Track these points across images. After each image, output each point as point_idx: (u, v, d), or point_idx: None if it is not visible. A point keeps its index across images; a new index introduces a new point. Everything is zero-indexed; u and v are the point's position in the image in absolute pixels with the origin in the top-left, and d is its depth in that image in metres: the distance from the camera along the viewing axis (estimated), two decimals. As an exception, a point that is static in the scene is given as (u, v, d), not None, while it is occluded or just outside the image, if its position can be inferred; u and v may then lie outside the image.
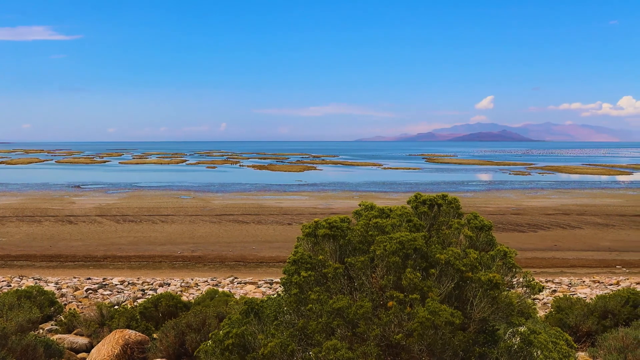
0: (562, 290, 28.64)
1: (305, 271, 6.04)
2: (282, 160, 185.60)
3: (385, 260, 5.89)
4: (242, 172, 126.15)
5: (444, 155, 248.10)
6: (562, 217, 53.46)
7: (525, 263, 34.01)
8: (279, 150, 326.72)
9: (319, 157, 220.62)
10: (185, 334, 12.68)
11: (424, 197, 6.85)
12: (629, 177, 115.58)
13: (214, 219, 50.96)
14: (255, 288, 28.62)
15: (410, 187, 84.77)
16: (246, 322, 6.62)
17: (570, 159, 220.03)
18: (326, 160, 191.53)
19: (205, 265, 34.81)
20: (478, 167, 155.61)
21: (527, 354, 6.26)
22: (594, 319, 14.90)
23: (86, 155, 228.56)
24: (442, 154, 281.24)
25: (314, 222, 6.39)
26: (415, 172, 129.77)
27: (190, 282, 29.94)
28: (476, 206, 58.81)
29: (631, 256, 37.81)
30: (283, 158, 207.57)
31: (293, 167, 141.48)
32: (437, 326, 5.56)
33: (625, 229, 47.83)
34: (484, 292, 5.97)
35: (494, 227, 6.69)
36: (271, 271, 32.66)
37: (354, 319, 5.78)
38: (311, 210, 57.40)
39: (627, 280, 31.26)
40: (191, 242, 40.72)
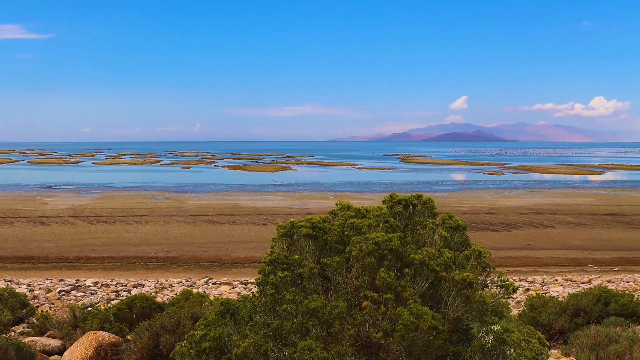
0: (535, 288, 28.90)
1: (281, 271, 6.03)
2: (257, 161, 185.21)
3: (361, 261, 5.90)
4: (217, 172, 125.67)
5: (419, 155, 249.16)
6: (535, 217, 53.96)
7: (499, 262, 34.29)
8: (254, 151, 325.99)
9: (293, 157, 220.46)
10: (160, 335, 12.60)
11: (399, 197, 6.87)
12: (600, 176, 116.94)
13: (189, 220, 50.72)
14: (230, 289, 28.53)
15: (385, 187, 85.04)
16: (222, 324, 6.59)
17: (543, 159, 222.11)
18: (301, 161, 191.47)
19: (179, 266, 34.63)
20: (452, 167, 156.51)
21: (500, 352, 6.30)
22: (567, 317, 15.06)
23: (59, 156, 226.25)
24: (417, 154, 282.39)
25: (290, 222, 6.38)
26: (390, 172, 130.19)
27: (164, 283, 29.76)
28: (450, 206, 59.15)
29: (602, 255, 38.27)
30: (258, 158, 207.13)
31: (268, 167, 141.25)
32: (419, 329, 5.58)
33: (597, 228, 48.39)
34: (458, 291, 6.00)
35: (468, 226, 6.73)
36: (246, 271, 32.58)
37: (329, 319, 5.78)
38: (286, 210, 57.35)
39: (598, 278, 31.63)
40: (165, 243, 40.49)
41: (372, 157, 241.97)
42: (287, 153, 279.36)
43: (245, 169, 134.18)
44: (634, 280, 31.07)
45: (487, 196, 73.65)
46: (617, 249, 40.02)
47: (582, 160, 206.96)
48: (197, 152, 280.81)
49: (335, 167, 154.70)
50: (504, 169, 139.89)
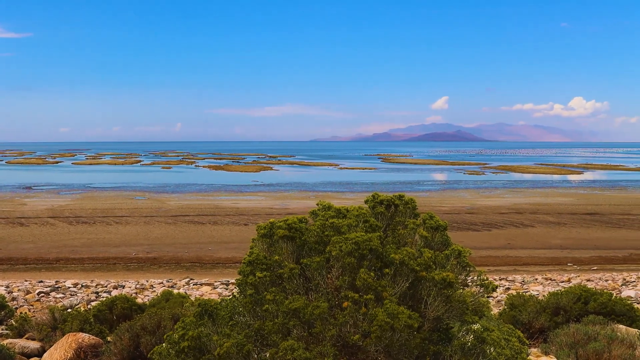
0: (516, 287, 29.08)
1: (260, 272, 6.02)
2: (238, 161, 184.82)
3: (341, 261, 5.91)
4: (198, 172, 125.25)
5: (400, 155, 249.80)
6: (516, 216, 54.29)
7: (480, 261, 34.47)
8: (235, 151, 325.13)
9: (275, 158, 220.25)
10: (140, 336, 12.53)
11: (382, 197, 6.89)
12: (579, 176, 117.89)
13: (170, 220, 50.51)
14: (212, 289, 28.45)
15: (367, 187, 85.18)
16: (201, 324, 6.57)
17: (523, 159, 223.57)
18: (282, 161, 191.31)
19: (160, 266, 34.48)
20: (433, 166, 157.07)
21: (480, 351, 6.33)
22: (547, 315, 15.16)
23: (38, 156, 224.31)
24: (398, 154, 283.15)
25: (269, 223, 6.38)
26: (371, 172, 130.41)
27: (145, 283, 29.61)
28: (431, 205, 59.37)
29: (582, 254, 38.58)
30: (239, 158, 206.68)
31: (249, 167, 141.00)
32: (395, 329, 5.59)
33: (577, 227, 48.78)
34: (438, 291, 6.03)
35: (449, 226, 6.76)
36: (227, 272, 32.50)
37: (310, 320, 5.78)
38: (267, 210, 57.29)
39: (578, 277, 31.88)
40: (146, 244, 40.29)
41: (353, 157, 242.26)
42: (269, 153, 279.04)
43: (227, 169, 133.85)
44: (612, 279, 31.35)
45: (467, 196, 74.00)
46: (596, 248, 40.38)
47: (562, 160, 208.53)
48: (178, 152, 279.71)
49: (316, 167, 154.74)
50: (484, 169, 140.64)
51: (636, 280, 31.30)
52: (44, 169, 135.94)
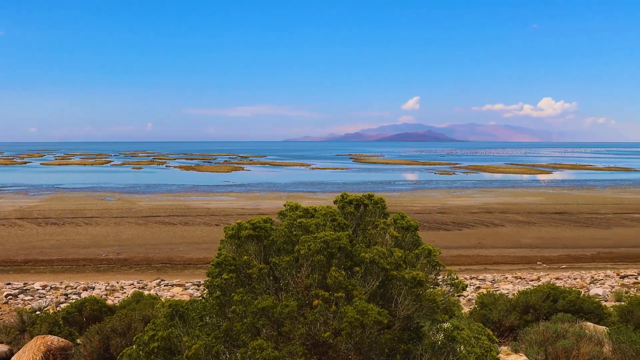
0: (486, 286, 29.32)
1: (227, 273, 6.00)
2: (210, 161, 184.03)
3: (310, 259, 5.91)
4: (169, 172, 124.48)
5: (371, 155, 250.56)
6: (486, 216, 54.73)
7: (451, 261, 34.71)
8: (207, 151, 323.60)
9: (246, 158, 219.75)
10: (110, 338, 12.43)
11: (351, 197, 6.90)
12: (548, 176, 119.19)
13: (140, 221, 50.13)
14: (183, 290, 28.31)
15: (338, 187, 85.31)
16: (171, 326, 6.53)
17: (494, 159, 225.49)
18: (254, 161, 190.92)
19: (131, 267, 34.22)
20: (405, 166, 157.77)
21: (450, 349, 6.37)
22: (516, 314, 15.30)
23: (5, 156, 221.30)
24: (370, 154, 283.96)
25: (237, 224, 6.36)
26: (343, 172, 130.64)
27: (115, 285, 29.38)
28: (403, 205, 59.64)
29: (551, 252, 39.01)
30: (210, 158, 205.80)
31: (220, 167, 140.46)
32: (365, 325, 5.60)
33: (546, 226, 49.30)
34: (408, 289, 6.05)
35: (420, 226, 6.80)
36: (199, 273, 32.36)
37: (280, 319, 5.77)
38: (239, 210, 57.12)
39: (547, 275, 32.24)
40: (116, 245, 39.95)
41: (324, 157, 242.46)
42: (240, 153, 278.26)
43: (198, 170, 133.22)
44: (580, 277, 31.75)
45: (438, 196, 74.44)
46: (565, 247, 40.86)
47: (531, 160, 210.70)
48: (148, 153, 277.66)
49: (288, 167, 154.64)
50: (455, 169, 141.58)
51: (604, 278, 31.73)
52: (12, 170, 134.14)
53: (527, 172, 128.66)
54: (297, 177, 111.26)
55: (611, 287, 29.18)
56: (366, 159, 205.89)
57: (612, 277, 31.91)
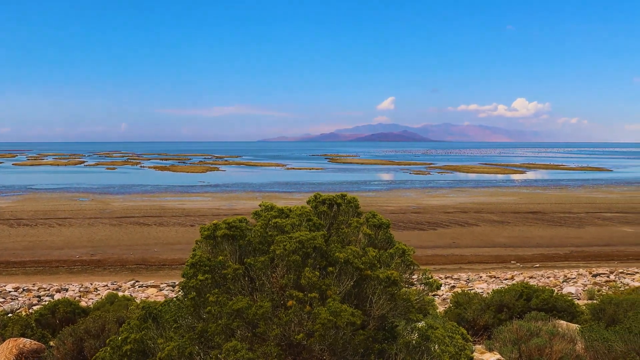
0: (461, 285, 29.50)
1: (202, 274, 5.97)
2: (185, 161, 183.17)
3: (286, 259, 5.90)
4: (143, 173, 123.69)
5: (347, 156, 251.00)
6: (461, 215, 55.07)
7: (426, 260, 34.87)
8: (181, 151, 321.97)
9: (222, 158, 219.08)
10: (84, 340, 12.31)
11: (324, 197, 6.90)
12: (522, 175, 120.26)
13: (114, 222, 49.75)
14: (158, 291, 28.17)
15: (314, 187, 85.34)
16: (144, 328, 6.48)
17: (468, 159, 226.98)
18: (229, 161, 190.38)
19: (105, 269, 33.96)
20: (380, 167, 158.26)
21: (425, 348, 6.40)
22: (490, 312, 15.41)
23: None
24: (345, 154, 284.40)
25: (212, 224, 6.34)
26: (318, 172, 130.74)
27: (89, 286, 29.15)
28: (378, 205, 59.81)
29: (525, 251, 39.36)
30: (185, 159, 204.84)
31: (195, 167, 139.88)
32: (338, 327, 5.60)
33: (519, 226, 49.73)
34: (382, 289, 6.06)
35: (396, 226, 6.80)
36: (174, 274, 32.21)
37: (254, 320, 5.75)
38: (214, 211, 56.92)
39: (521, 274, 32.52)
40: (90, 246, 39.62)
41: (300, 157, 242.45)
42: (215, 153, 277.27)
43: (173, 170, 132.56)
44: (554, 276, 32.07)
45: (414, 195, 74.75)
46: (538, 246, 41.23)
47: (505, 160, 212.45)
48: (122, 153, 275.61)
49: (263, 167, 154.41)
50: (430, 169, 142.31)
51: (577, 277, 32.08)
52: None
53: (501, 172, 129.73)
54: (273, 177, 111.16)
55: (584, 285, 29.50)
56: (341, 159, 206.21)
57: (585, 276, 32.28)
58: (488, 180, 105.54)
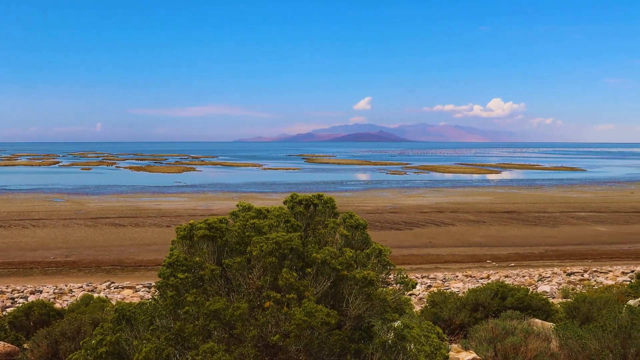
0: (437, 285, 29.66)
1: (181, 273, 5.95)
2: (161, 162, 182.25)
3: (262, 260, 5.90)
4: (119, 173, 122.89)
5: (323, 156, 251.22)
6: (437, 215, 55.34)
7: (403, 260, 35.01)
8: (157, 151, 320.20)
9: (198, 158, 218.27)
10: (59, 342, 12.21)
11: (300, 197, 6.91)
12: (498, 175, 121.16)
13: (90, 223, 49.37)
14: (133, 292, 28.02)
15: (290, 187, 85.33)
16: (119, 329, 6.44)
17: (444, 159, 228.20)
18: (205, 161, 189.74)
19: (80, 270, 33.70)
20: (356, 167, 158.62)
21: (401, 348, 6.43)
22: (466, 311, 15.50)
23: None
24: (322, 154, 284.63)
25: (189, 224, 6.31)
26: (294, 172, 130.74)
27: (64, 288, 28.92)
28: (355, 205, 59.93)
29: (500, 251, 39.68)
30: (161, 159, 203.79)
31: (171, 168, 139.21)
32: (313, 327, 5.61)
33: (495, 225, 50.10)
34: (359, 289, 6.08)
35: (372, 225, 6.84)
36: (149, 274, 32.05)
37: (231, 321, 5.74)
38: (190, 211, 56.69)
39: (497, 274, 32.77)
40: (65, 247, 39.29)
41: (276, 157, 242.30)
42: (192, 154, 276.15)
43: (149, 170, 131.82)
44: (529, 275, 32.35)
45: (390, 195, 75.01)
46: (514, 245, 41.59)
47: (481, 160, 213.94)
48: (98, 153, 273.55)
49: (240, 167, 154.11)
50: (406, 169, 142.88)
51: (551, 275, 32.40)
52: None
53: (477, 172, 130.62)
54: (249, 177, 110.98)
55: (558, 284, 29.81)
56: (318, 159, 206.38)
57: (559, 275, 32.61)
58: (464, 180, 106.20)
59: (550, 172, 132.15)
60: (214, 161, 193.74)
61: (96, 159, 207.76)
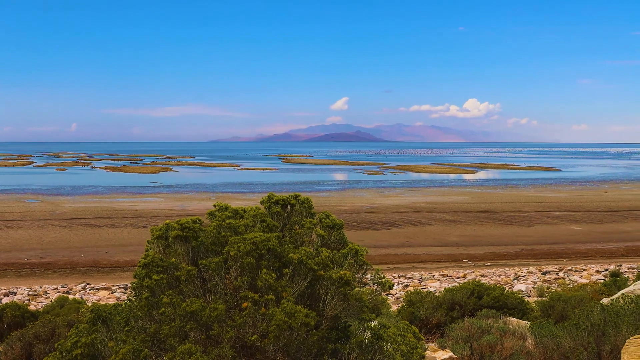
0: (414, 284, 29.77)
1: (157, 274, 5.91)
2: (137, 162, 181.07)
3: (240, 261, 5.88)
4: (94, 174, 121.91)
5: (301, 156, 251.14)
6: (414, 215, 55.53)
7: (379, 260, 35.09)
8: (133, 152, 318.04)
9: (174, 158, 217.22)
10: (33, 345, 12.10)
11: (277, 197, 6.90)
12: (474, 175, 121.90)
13: (65, 223, 48.91)
14: (109, 294, 27.81)
15: (267, 188, 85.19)
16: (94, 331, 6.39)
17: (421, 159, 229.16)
18: (182, 162, 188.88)
19: (55, 271, 33.37)
20: (333, 167, 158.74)
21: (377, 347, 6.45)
22: (443, 311, 15.58)
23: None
24: (299, 154, 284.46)
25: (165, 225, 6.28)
26: (272, 172, 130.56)
27: (38, 290, 28.63)
28: (332, 205, 59.96)
29: (476, 250, 39.91)
30: (137, 159, 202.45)
31: (148, 168, 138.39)
32: (292, 328, 5.61)
33: (471, 225, 50.38)
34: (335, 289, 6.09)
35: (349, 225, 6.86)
36: (126, 276, 31.82)
37: (208, 322, 5.72)
38: (167, 212, 56.39)
39: (473, 273, 32.95)
40: (39, 248, 38.88)
41: (253, 157, 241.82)
42: (168, 154, 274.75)
43: (125, 171, 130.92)
44: (505, 274, 32.58)
45: (367, 195, 75.16)
46: (490, 245, 41.85)
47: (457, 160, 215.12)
48: (73, 154, 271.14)
49: (216, 168, 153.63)
50: (383, 169, 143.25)
51: (527, 274, 32.65)
52: None
53: (454, 172, 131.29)
54: (226, 177, 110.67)
55: (533, 283, 30.05)
56: (295, 160, 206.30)
57: (535, 274, 32.87)
58: (440, 180, 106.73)
59: (526, 172, 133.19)
60: (190, 161, 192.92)
61: (71, 159, 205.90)
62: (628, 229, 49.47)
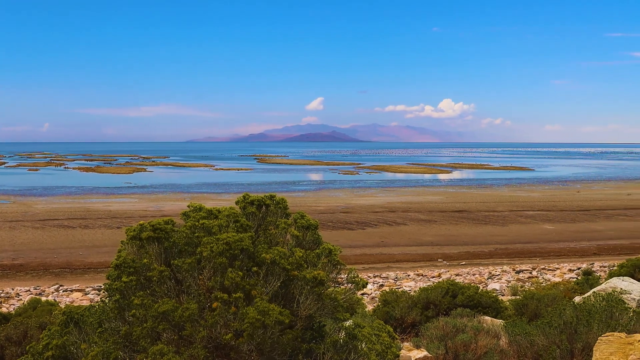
0: (389, 284, 29.86)
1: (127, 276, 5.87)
2: (111, 162, 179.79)
3: (213, 261, 5.86)
4: (68, 174, 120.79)
5: (276, 156, 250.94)
6: (389, 215, 55.72)
7: (355, 260, 35.15)
8: (107, 152, 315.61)
9: (149, 159, 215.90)
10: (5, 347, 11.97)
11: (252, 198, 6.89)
12: (448, 175, 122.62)
13: (37, 224, 48.41)
14: (83, 295, 27.59)
15: (243, 188, 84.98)
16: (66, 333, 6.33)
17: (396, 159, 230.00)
18: (156, 162, 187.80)
19: (27, 273, 33.01)
20: (309, 167, 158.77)
21: (352, 347, 6.46)
22: (418, 310, 15.64)
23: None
24: (274, 154, 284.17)
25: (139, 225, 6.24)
26: (247, 172, 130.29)
27: (10, 292, 28.30)
28: (307, 205, 59.98)
29: (451, 249, 40.15)
30: (111, 160, 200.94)
31: (122, 168, 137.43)
32: (266, 326, 5.60)
33: (446, 224, 50.67)
34: (309, 289, 6.09)
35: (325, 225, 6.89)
36: (99, 277, 31.57)
37: (180, 322, 5.69)
38: (141, 213, 56.03)
39: (448, 272, 33.15)
40: (11, 250, 38.44)
41: (229, 157, 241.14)
42: (142, 154, 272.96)
43: (98, 171, 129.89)
44: (479, 273, 32.81)
45: (342, 195, 75.28)
46: (464, 244, 42.11)
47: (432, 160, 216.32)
48: (45, 154, 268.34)
49: (191, 168, 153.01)
50: (358, 169, 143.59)
51: (501, 273, 32.91)
52: None
53: (428, 172, 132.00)
54: (201, 178, 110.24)
55: (507, 281, 30.29)
56: (271, 160, 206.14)
57: (509, 272, 33.13)
58: (415, 179, 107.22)
59: (500, 172, 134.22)
60: (165, 161, 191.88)
61: (44, 159, 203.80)
62: (600, 228, 50.05)
